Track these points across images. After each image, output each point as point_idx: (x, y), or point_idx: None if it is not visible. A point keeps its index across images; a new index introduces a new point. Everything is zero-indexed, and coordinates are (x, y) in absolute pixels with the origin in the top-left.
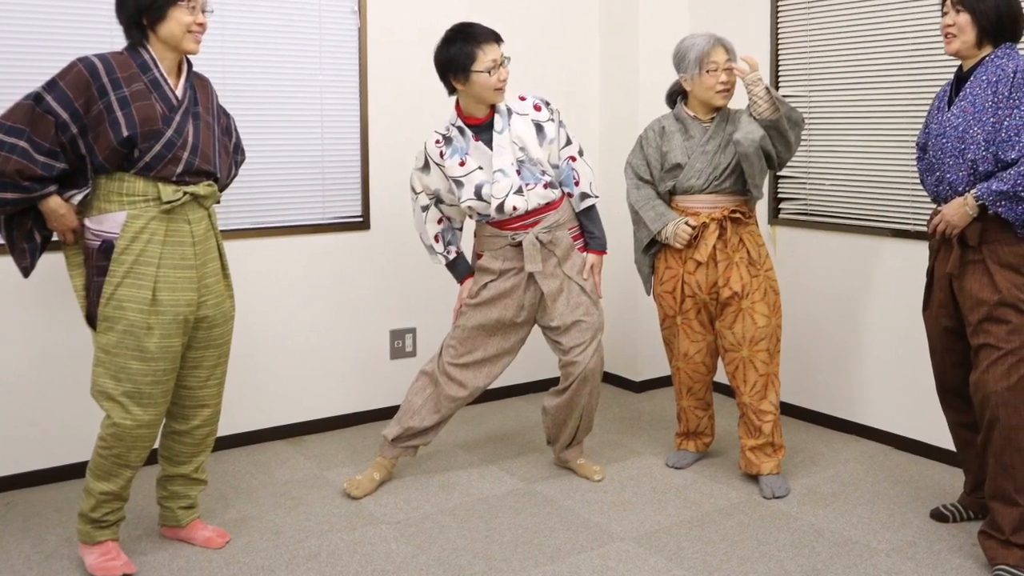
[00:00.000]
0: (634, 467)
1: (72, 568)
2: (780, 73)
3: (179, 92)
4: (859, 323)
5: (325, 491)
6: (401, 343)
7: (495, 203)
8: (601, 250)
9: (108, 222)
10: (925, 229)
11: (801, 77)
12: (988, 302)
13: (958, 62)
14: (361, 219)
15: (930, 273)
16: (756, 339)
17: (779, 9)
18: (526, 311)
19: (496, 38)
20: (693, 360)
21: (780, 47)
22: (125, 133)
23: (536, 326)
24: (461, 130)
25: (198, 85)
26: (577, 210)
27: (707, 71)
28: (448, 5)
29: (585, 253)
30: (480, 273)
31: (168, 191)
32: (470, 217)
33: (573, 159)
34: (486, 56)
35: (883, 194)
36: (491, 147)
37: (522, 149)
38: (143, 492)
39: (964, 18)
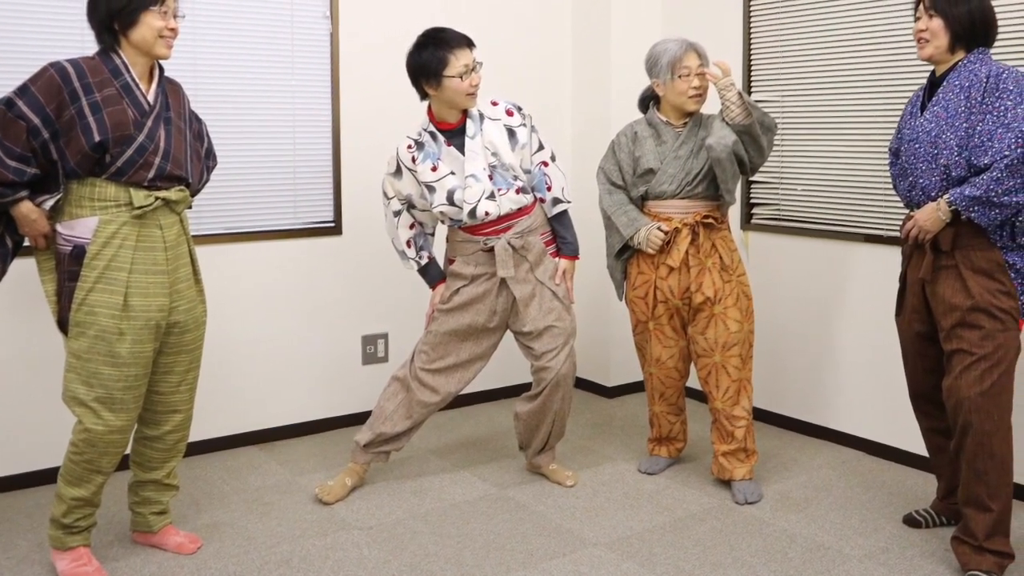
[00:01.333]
0: (606, 472)
1: (44, 574)
2: (752, 78)
3: (151, 97)
4: (832, 328)
5: (297, 497)
6: (373, 348)
7: (467, 208)
8: (573, 255)
9: (80, 227)
10: (898, 234)
11: (773, 82)
12: (961, 307)
13: (931, 67)
14: (333, 224)
15: (903, 278)
16: (728, 344)
17: (751, 14)
18: (498, 316)
19: (468, 43)
20: (665, 365)
21: (752, 52)
22: (97, 138)
23: (508, 331)
24: (433, 135)
25: (170, 90)
26: (549, 215)
27: (679, 76)
28: (420, 10)
29: (557, 258)
30: (452, 278)
31: (140, 196)
32: (442, 222)
33: (545, 164)
34: (458, 61)
35: (856, 199)
36: (463, 152)
37: (494, 154)
38: (115, 498)
39: (937, 23)
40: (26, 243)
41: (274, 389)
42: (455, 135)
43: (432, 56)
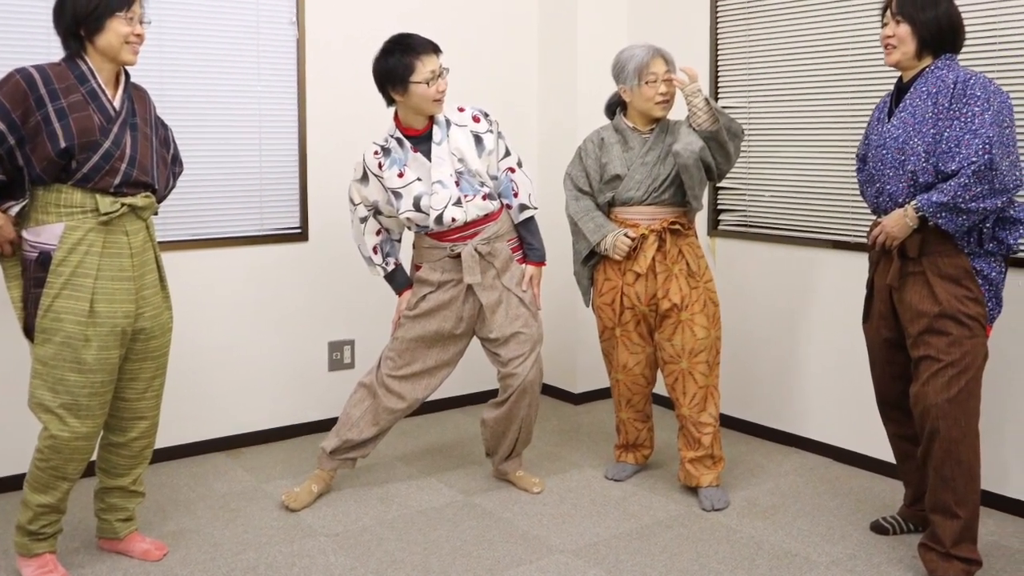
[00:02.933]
0: (573, 479)
1: None
2: (720, 84)
3: (117, 103)
4: (799, 335)
5: (263, 503)
6: (339, 355)
7: (434, 214)
8: (540, 262)
9: (45, 234)
10: (865, 241)
11: (741, 88)
12: (928, 314)
13: (898, 73)
14: (299, 230)
15: (870, 285)
16: (695, 351)
17: (719, 20)
18: (465, 323)
19: (435, 49)
20: (632, 372)
21: (720, 58)
22: (63, 144)
23: (475, 338)
24: (400, 141)
25: (136, 96)
26: (516, 222)
27: (646, 82)
28: (387, 16)
29: (524, 265)
30: (419, 285)
31: (106, 203)
32: (409, 229)
33: (512, 170)
34: (425, 67)
35: (823, 205)
36: (430, 158)
37: (461, 160)
38: (81, 504)
39: (904, 29)
40: None
41: (240, 395)
42: (421, 141)
43: (399, 62)
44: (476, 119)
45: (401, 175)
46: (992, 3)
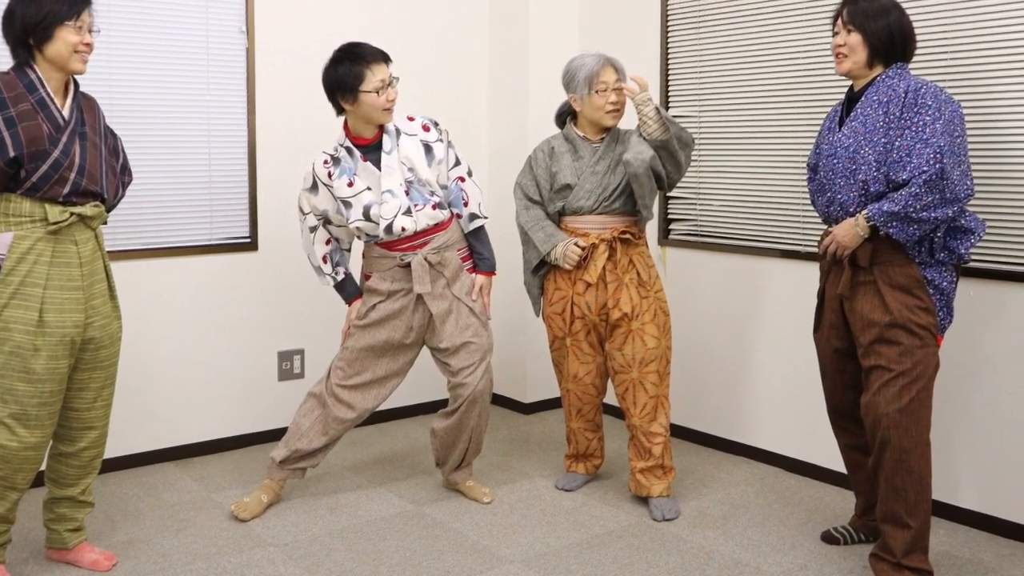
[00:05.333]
0: (523, 489)
1: None
2: (670, 93)
3: (66, 112)
4: (750, 344)
5: (213, 513)
6: (289, 364)
7: (384, 224)
8: (490, 271)
9: None
10: (816, 250)
11: (691, 97)
12: (879, 323)
13: (849, 82)
14: (249, 240)
15: (821, 294)
16: (646, 360)
17: (669, 29)
18: (415, 332)
19: (385, 58)
20: (583, 382)
21: (670, 67)
22: (11, 153)
23: (425, 347)
24: (349, 150)
25: (85, 105)
26: (466, 231)
27: (597, 91)
28: (337, 25)
29: (474, 274)
30: (368, 294)
31: (55, 212)
32: (358, 238)
33: (462, 179)
34: (375, 76)
35: (773, 215)
36: (380, 168)
37: (411, 170)
38: (30, 514)
39: (855, 38)
40: None
41: (189, 405)
42: (371, 150)
43: (348, 71)
44: (426, 128)
45: (351, 184)
46: (943, 12)
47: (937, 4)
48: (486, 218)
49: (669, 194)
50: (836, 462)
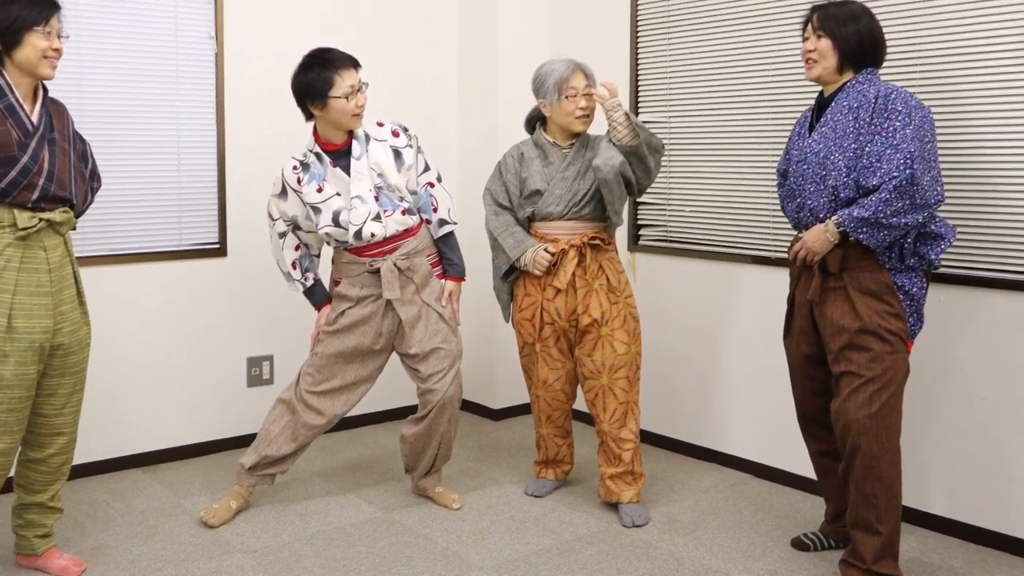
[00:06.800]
0: (493, 495)
1: None
2: (640, 99)
3: (35, 118)
4: (719, 350)
5: (182, 519)
6: (258, 370)
7: (353, 229)
8: (460, 277)
9: None
10: (786, 256)
11: (661, 103)
12: (849, 329)
13: (819, 87)
14: (218, 246)
15: (791, 300)
16: (616, 367)
17: (639, 35)
18: (384, 338)
19: (354, 63)
20: (552, 388)
21: (640, 73)
22: None
23: (394, 353)
24: (319, 156)
25: (54, 111)
26: (435, 237)
27: (566, 96)
28: (306, 31)
29: (444, 280)
30: (338, 300)
31: (23, 217)
32: (328, 244)
33: (431, 185)
34: (344, 82)
35: (743, 220)
36: (349, 173)
37: (380, 175)
38: None
39: (825, 43)
40: None
41: (159, 411)
42: (341, 156)
43: (317, 77)
44: (395, 134)
45: (320, 190)
46: (913, 18)
47: (907, 10)
48: (455, 224)
49: (639, 200)
50: (806, 468)
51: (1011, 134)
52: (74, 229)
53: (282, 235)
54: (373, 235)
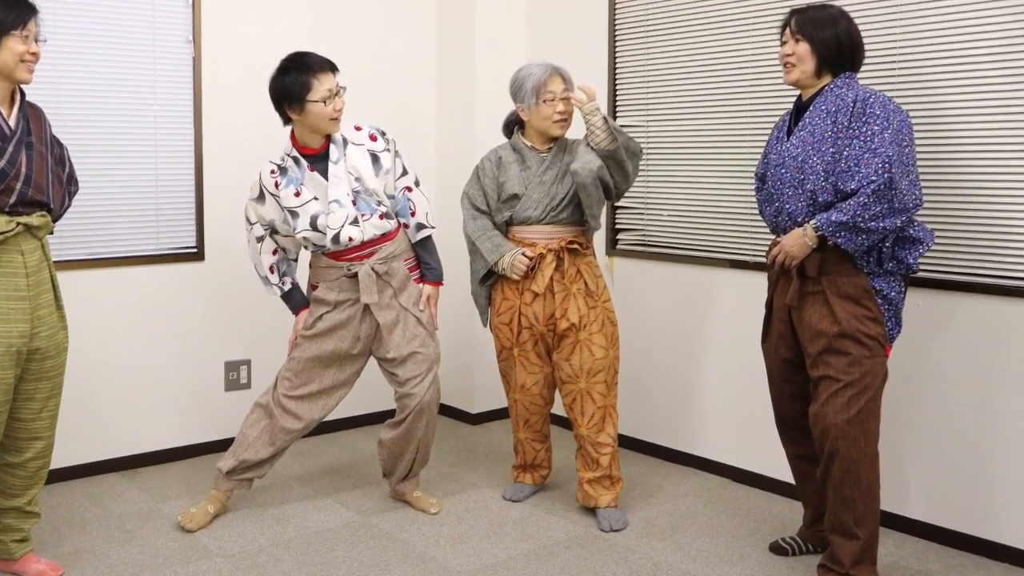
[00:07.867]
0: (471, 500)
1: None
2: (618, 103)
3: (12, 122)
4: (697, 354)
5: (159, 524)
6: (236, 375)
7: (331, 234)
8: (437, 281)
9: None
10: (764, 260)
11: (639, 107)
12: (828, 333)
13: (797, 91)
14: (195, 250)
15: (769, 304)
16: (594, 371)
17: (617, 39)
18: (362, 343)
19: (332, 67)
20: (530, 392)
21: (618, 77)
22: None
23: (372, 358)
24: (296, 160)
25: (31, 115)
26: (413, 241)
27: (544, 101)
28: (284, 34)
29: (421, 284)
30: (315, 304)
31: (1, 222)
32: (305, 248)
33: (409, 189)
34: (321, 86)
35: (721, 225)
36: (327, 177)
37: (358, 179)
38: None
39: (804, 47)
40: None
41: (136, 415)
42: (318, 160)
43: (295, 81)
44: (373, 138)
45: (298, 194)
46: (892, 22)
47: (886, 14)
48: (433, 228)
49: (617, 204)
50: (784, 472)
51: (989, 138)
52: (52, 233)
53: (260, 239)
54: (351, 239)
